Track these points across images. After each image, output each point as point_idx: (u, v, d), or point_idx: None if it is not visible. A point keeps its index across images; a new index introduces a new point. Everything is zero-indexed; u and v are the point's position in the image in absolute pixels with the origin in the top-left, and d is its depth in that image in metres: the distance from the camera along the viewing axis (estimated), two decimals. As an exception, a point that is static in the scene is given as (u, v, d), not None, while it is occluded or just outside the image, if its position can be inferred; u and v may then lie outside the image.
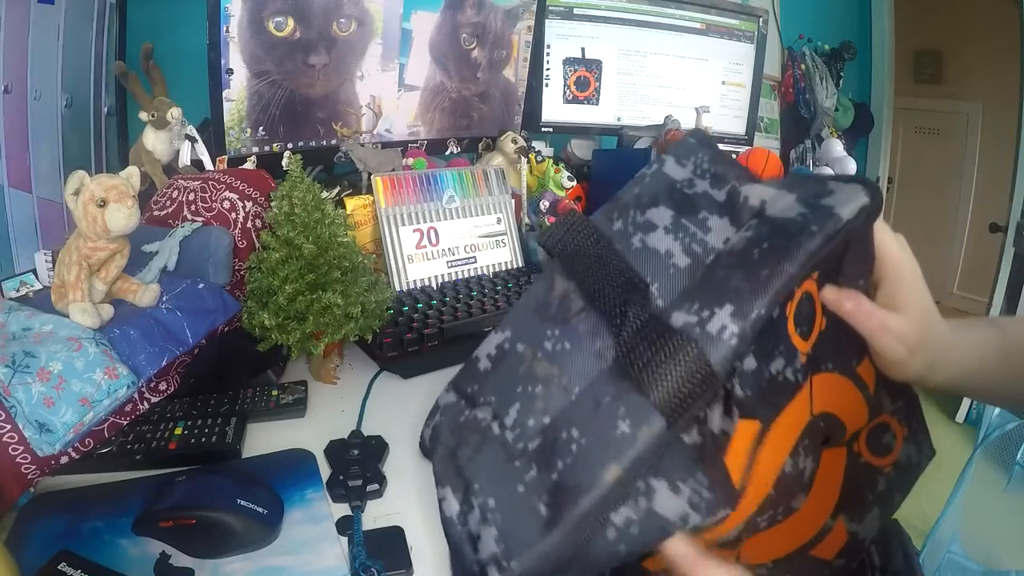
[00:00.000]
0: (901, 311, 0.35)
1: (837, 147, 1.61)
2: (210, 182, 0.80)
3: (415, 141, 1.19)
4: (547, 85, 1.34)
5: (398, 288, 0.94)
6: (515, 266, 1.06)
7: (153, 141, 0.91)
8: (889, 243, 0.35)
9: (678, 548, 0.31)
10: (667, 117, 1.27)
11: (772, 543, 0.35)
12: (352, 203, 0.95)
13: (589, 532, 0.28)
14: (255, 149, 0.98)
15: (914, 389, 0.40)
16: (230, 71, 0.91)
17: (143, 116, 0.90)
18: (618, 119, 1.42)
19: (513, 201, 1.09)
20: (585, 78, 1.36)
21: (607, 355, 0.30)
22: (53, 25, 0.95)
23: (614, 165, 1.20)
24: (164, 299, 0.66)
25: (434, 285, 0.97)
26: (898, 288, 0.35)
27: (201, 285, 0.70)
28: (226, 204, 0.78)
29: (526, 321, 0.35)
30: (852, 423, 0.36)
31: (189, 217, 0.77)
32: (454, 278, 0.99)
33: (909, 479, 0.39)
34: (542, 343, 0.33)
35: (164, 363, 0.62)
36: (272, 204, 0.71)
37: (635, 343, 0.29)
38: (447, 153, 1.25)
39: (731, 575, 0.32)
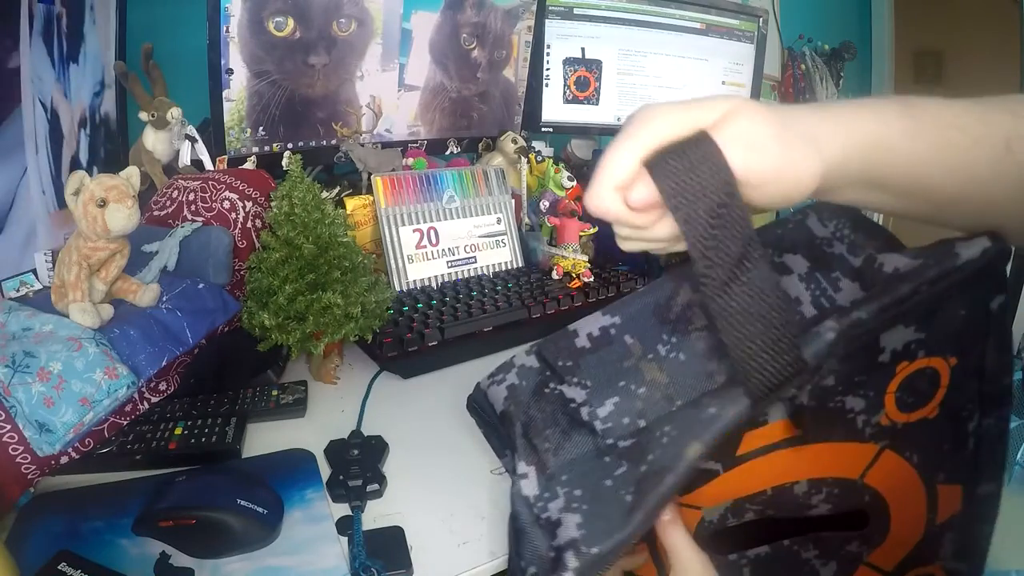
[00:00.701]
0: None
1: (837, 147, 1.61)
2: (210, 182, 0.80)
3: (415, 141, 1.19)
4: (547, 85, 1.34)
5: (398, 288, 0.94)
6: (515, 266, 1.06)
7: (153, 141, 0.91)
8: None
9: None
10: (667, 117, 1.27)
11: None
12: (352, 203, 0.95)
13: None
14: (255, 149, 0.98)
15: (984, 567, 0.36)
16: (230, 71, 0.91)
17: (143, 116, 0.90)
18: (618, 119, 1.41)
19: (513, 201, 1.09)
20: (585, 78, 1.36)
21: (718, 379, 0.30)
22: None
23: (614, 165, 1.20)
24: (164, 299, 0.66)
25: (434, 285, 0.97)
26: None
27: (201, 285, 0.70)
28: (226, 204, 0.78)
29: (641, 316, 0.34)
30: (900, 529, 0.35)
31: (189, 217, 0.77)
32: (454, 278, 0.99)
33: None
34: (655, 345, 0.33)
35: (164, 363, 0.62)
36: (272, 204, 0.71)
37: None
38: (447, 153, 1.25)
39: (695, 551, 0.32)
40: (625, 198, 0.30)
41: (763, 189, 0.29)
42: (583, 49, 1.35)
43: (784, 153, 0.29)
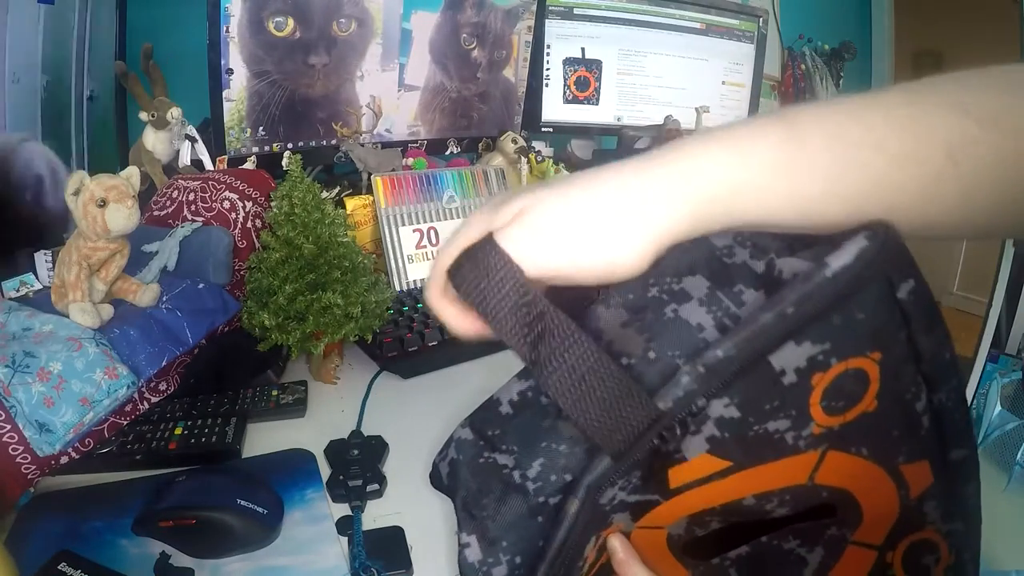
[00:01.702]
0: None
1: (837, 147, 1.61)
2: (210, 182, 0.80)
3: (415, 141, 1.19)
4: (547, 85, 1.34)
5: (398, 288, 0.94)
6: (515, 266, 1.06)
7: (153, 141, 0.91)
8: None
9: (614, 543, 0.33)
10: (667, 117, 1.27)
11: None
12: (352, 203, 0.95)
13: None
14: (255, 149, 0.98)
15: (979, 525, 0.35)
16: (230, 71, 0.91)
17: (143, 116, 0.90)
18: (618, 119, 1.41)
19: (513, 201, 1.08)
20: (585, 78, 1.36)
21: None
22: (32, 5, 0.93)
23: (614, 165, 1.20)
24: (164, 299, 0.66)
25: (434, 285, 0.97)
26: None
27: (201, 285, 0.70)
28: (226, 204, 0.78)
29: None
30: (872, 507, 0.34)
31: (189, 217, 0.77)
32: (454, 278, 0.99)
33: None
34: None
35: (164, 363, 0.62)
36: (272, 204, 0.71)
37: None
38: (447, 153, 1.25)
39: None
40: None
41: (574, 276, 0.28)
42: (583, 49, 1.35)
43: (583, 239, 0.27)
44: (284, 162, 0.98)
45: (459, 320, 0.31)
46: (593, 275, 0.28)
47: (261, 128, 0.97)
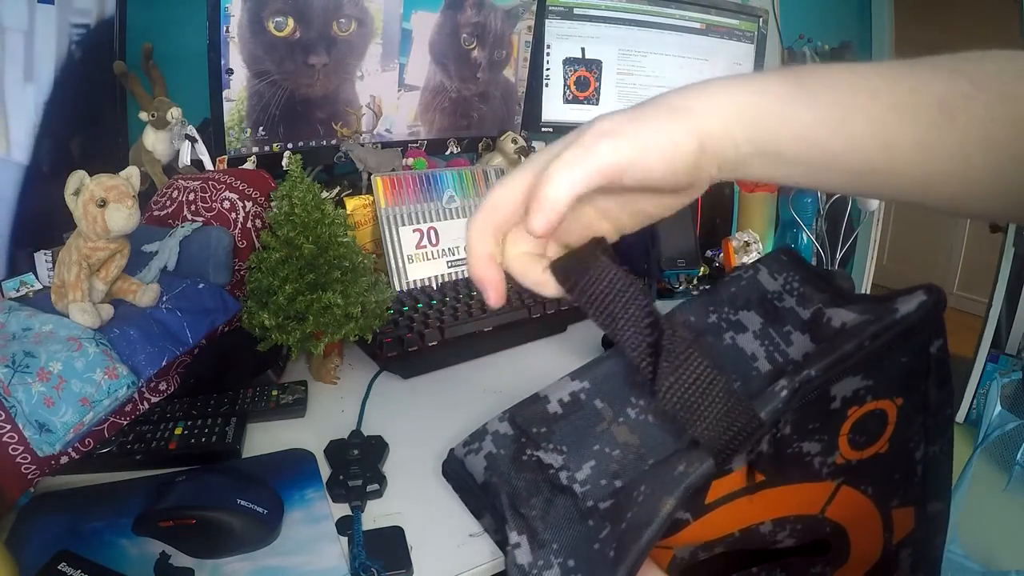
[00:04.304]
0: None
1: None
2: (210, 182, 0.80)
3: (415, 141, 1.19)
4: (547, 85, 1.34)
5: (398, 288, 0.94)
6: (515, 266, 1.06)
7: (153, 141, 0.91)
8: None
9: None
10: (667, 117, 1.27)
11: None
12: (352, 203, 0.95)
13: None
14: (255, 149, 0.98)
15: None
16: (230, 71, 0.91)
17: (143, 116, 0.90)
18: (618, 119, 1.41)
19: (513, 201, 1.08)
20: (585, 78, 1.36)
21: (685, 437, 0.32)
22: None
23: (614, 165, 1.20)
24: (164, 299, 0.66)
25: (434, 285, 0.97)
26: None
27: (201, 285, 0.70)
28: (226, 204, 0.78)
29: (609, 380, 0.36)
30: (859, 551, 0.37)
31: (189, 217, 0.77)
32: (454, 278, 0.99)
33: None
34: (624, 409, 0.35)
35: (164, 363, 0.62)
36: (272, 204, 0.71)
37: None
38: (447, 153, 1.25)
39: None
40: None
41: (639, 165, 0.29)
42: (583, 49, 1.35)
43: (646, 125, 0.29)
44: (284, 162, 0.98)
45: (494, 273, 0.32)
46: (660, 163, 0.29)
47: (261, 128, 0.97)
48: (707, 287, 0.90)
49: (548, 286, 0.32)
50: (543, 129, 1.36)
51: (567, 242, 0.33)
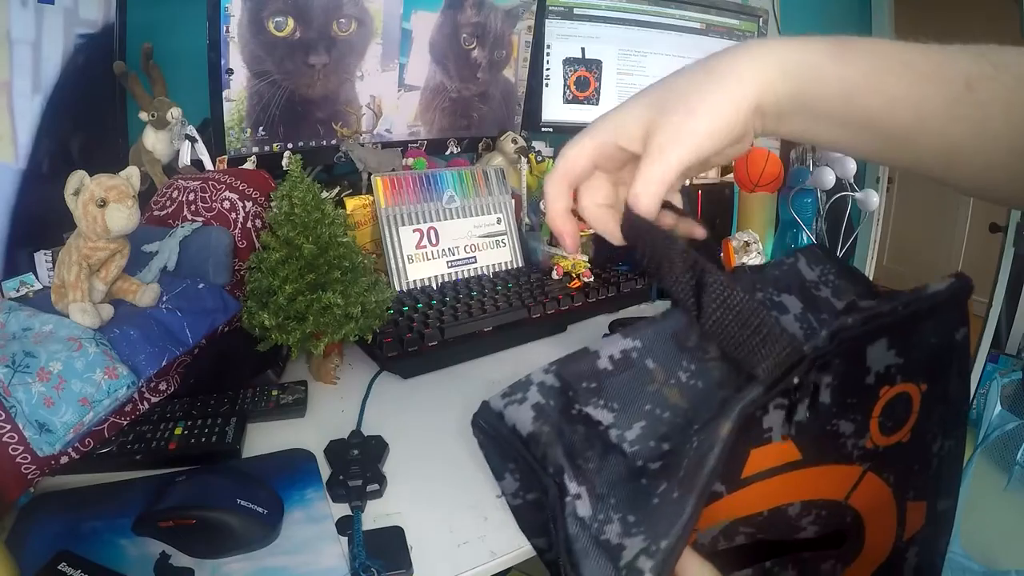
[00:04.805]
0: (646, 145, 0.35)
1: (837, 147, 1.61)
2: (210, 182, 0.80)
3: (415, 141, 1.19)
4: (547, 85, 1.34)
5: (398, 288, 0.94)
6: (515, 266, 1.06)
7: (153, 141, 0.91)
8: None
9: None
10: (667, 117, 1.27)
11: None
12: (352, 203, 0.95)
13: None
14: (255, 149, 0.98)
15: None
16: (230, 71, 0.91)
17: (143, 116, 0.90)
18: (618, 119, 1.41)
19: (513, 201, 1.09)
20: (585, 78, 1.36)
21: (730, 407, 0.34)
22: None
23: (614, 165, 1.20)
24: (164, 299, 0.66)
25: (434, 285, 0.97)
26: (632, 141, 0.35)
27: (201, 285, 0.70)
28: (226, 204, 0.78)
29: (661, 342, 0.37)
30: (872, 547, 0.37)
31: (189, 217, 0.77)
32: (454, 278, 0.99)
33: None
34: (676, 372, 0.35)
35: (164, 363, 0.62)
36: (272, 204, 0.71)
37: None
38: (447, 153, 1.25)
39: (701, 561, 0.33)
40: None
41: (715, 137, 0.32)
42: (583, 49, 1.35)
43: (709, 96, 0.32)
44: (284, 162, 0.98)
45: (571, 225, 0.38)
46: (727, 129, 0.33)
47: (261, 128, 0.97)
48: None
49: (616, 237, 0.37)
50: (543, 129, 1.36)
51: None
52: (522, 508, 0.38)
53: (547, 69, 1.33)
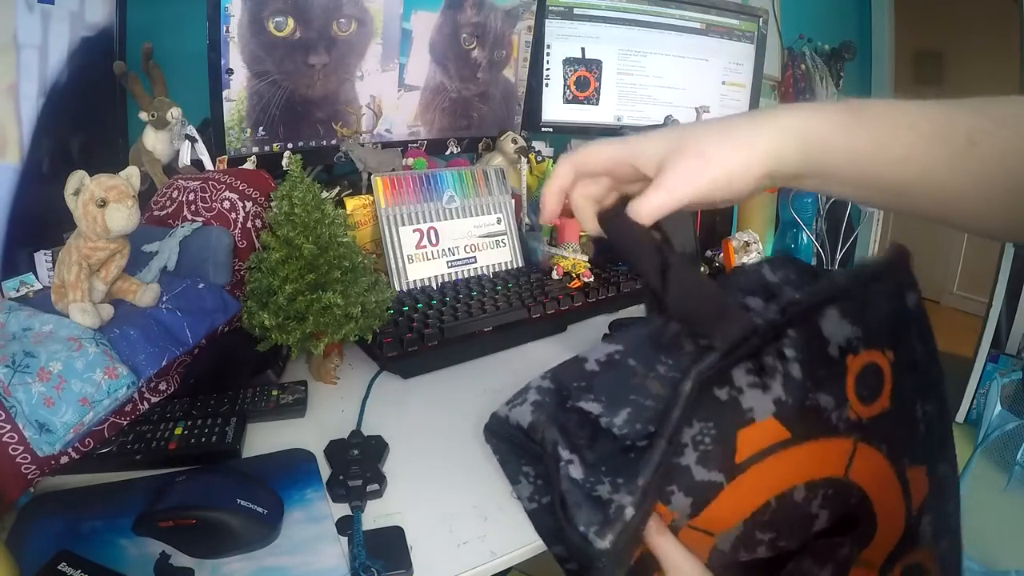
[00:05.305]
0: (659, 174, 0.38)
1: (837, 147, 1.61)
2: (210, 182, 0.80)
3: (415, 141, 1.19)
4: (547, 85, 1.34)
5: (398, 288, 0.94)
6: (515, 266, 1.06)
7: (153, 141, 0.91)
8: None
9: (649, 529, 0.36)
10: (667, 117, 1.27)
11: None
12: (352, 203, 0.95)
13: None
14: (255, 149, 0.98)
15: (961, 541, 0.40)
16: (230, 71, 0.91)
17: (143, 116, 0.90)
18: (618, 119, 1.42)
19: (513, 201, 1.09)
20: (585, 78, 1.36)
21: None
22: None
23: (614, 165, 1.20)
24: (164, 299, 0.66)
25: (434, 285, 0.97)
26: (647, 166, 0.40)
27: (201, 285, 0.70)
28: (226, 204, 0.78)
29: (639, 343, 0.41)
30: (885, 525, 0.38)
31: (189, 217, 0.77)
32: (454, 278, 0.99)
33: None
34: (655, 366, 0.39)
35: (164, 363, 0.62)
36: (272, 204, 0.71)
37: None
38: (447, 153, 1.25)
39: (687, 555, 0.35)
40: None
41: (720, 188, 0.36)
42: (583, 49, 1.35)
43: (726, 150, 0.36)
44: (284, 162, 0.98)
45: (556, 203, 0.44)
46: (736, 185, 0.37)
47: (261, 128, 0.97)
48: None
49: (592, 228, 0.42)
50: (543, 129, 1.36)
51: (625, 191, 0.43)
52: (538, 512, 0.41)
53: (547, 69, 1.33)
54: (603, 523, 0.34)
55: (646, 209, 0.37)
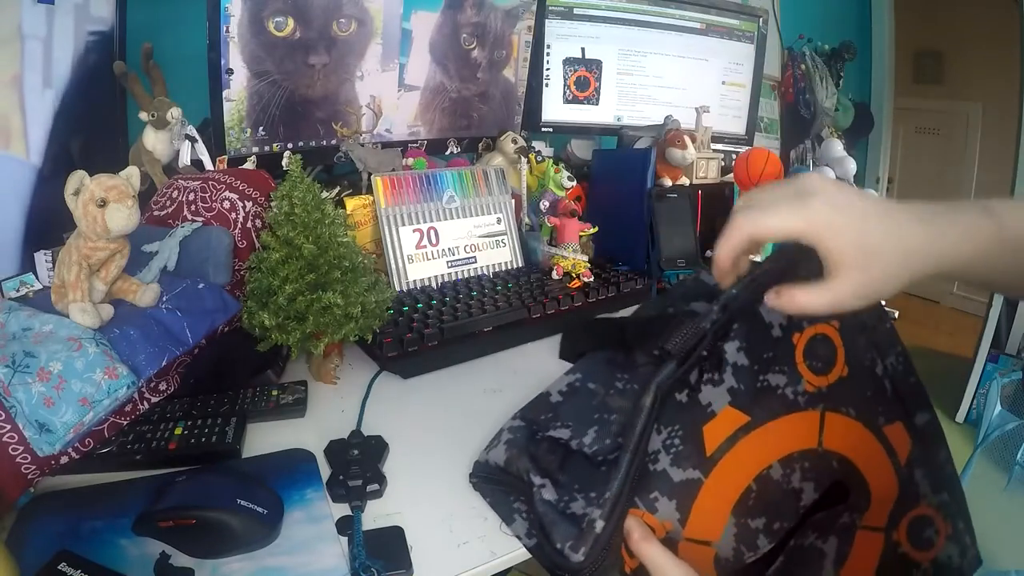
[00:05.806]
0: (831, 274, 0.38)
1: (837, 147, 1.61)
2: (210, 182, 0.80)
3: (415, 141, 1.19)
4: (547, 85, 1.34)
5: (398, 288, 0.94)
6: (515, 266, 1.06)
7: (153, 141, 0.91)
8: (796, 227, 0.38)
9: (630, 523, 0.37)
10: (667, 117, 1.27)
11: None
12: (352, 203, 0.95)
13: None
14: (255, 149, 0.98)
15: (962, 490, 0.41)
16: (230, 71, 0.91)
17: (143, 116, 0.90)
18: (618, 119, 1.42)
19: (513, 201, 1.09)
20: (585, 78, 1.36)
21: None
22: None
23: (614, 165, 1.20)
24: (164, 299, 0.66)
25: (434, 285, 0.97)
26: (825, 257, 0.38)
27: (201, 285, 0.70)
28: (226, 204, 0.78)
29: (596, 368, 0.44)
30: (877, 486, 0.39)
31: (189, 217, 0.77)
32: (454, 278, 0.99)
33: None
34: (613, 383, 0.42)
35: (164, 363, 0.62)
36: (272, 204, 0.71)
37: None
38: (447, 153, 1.25)
39: (672, 559, 0.36)
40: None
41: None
42: (583, 49, 1.35)
43: (886, 284, 0.37)
44: (284, 162, 0.98)
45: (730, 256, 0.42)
46: (869, 293, 0.38)
47: (261, 128, 0.98)
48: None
49: (725, 285, 0.42)
50: (543, 129, 1.36)
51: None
52: (538, 548, 0.43)
53: (547, 69, 1.33)
54: (577, 537, 0.36)
55: (811, 308, 0.37)
